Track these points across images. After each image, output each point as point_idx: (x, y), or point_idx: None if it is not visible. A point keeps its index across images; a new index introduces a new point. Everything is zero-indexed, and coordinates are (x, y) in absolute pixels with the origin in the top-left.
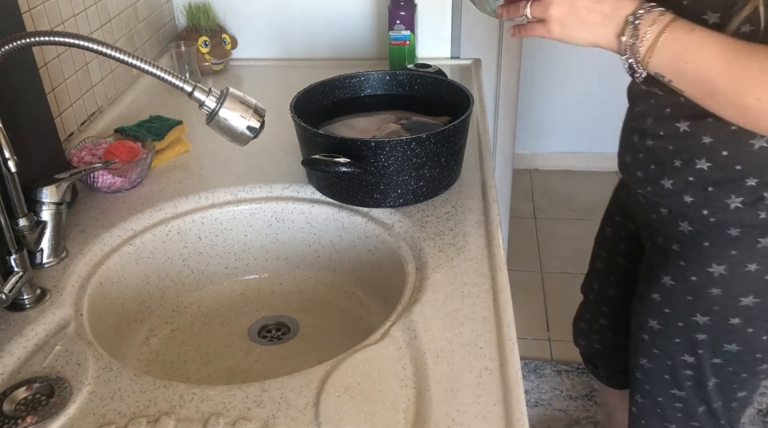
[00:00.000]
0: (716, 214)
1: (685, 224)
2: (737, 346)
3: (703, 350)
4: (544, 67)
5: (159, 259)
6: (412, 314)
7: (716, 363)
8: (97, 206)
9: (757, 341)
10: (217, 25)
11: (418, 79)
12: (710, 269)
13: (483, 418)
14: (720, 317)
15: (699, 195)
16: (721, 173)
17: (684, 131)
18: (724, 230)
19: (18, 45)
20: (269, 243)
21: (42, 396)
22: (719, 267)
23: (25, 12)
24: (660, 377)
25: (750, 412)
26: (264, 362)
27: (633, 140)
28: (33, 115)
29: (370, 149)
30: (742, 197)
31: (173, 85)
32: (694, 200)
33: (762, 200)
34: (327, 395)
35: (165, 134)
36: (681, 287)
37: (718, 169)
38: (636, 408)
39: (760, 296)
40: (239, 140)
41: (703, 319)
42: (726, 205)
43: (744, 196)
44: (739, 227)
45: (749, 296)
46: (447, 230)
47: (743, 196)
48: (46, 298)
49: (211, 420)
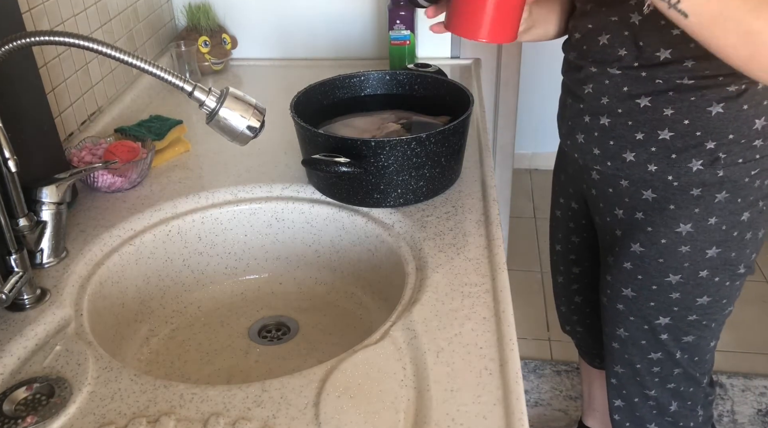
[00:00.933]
0: (680, 178)
1: (649, 192)
2: (708, 297)
3: (678, 307)
4: (544, 67)
5: (159, 259)
6: (412, 314)
7: (691, 320)
8: (97, 206)
9: (722, 288)
10: (217, 25)
11: (418, 79)
12: (678, 229)
13: (483, 418)
14: (690, 272)
15: (662, 163)
16: (682, 140)
17: (645, 106)
18: (687, 192)
19: (18, 45)
20: (269, 243)
21: (42, 396)
22: (686, 226)
23: (25, 12)
24: (637, 343)
25: (750, 412)
26: (264, 362)
27: (584, 121)
28: (33, 115)
29: (370, 148)
30: (702, 159)
31: (173, 85)
32: (658, 168)
33: (719, 160)
34: (327, 395)
35: (165, 134)
36: (652, 252)
37: (679, 137)
38: (616, 379)
39: (721, 246)
40: (239, 139)
41: (675, 278)
42: (689, 169)
43: (704, 158)
44: (700, 187)
45: (713, 248)
46: (447, 230)
47: (703, 158)
48: (46, 298)
49: (211, 420)
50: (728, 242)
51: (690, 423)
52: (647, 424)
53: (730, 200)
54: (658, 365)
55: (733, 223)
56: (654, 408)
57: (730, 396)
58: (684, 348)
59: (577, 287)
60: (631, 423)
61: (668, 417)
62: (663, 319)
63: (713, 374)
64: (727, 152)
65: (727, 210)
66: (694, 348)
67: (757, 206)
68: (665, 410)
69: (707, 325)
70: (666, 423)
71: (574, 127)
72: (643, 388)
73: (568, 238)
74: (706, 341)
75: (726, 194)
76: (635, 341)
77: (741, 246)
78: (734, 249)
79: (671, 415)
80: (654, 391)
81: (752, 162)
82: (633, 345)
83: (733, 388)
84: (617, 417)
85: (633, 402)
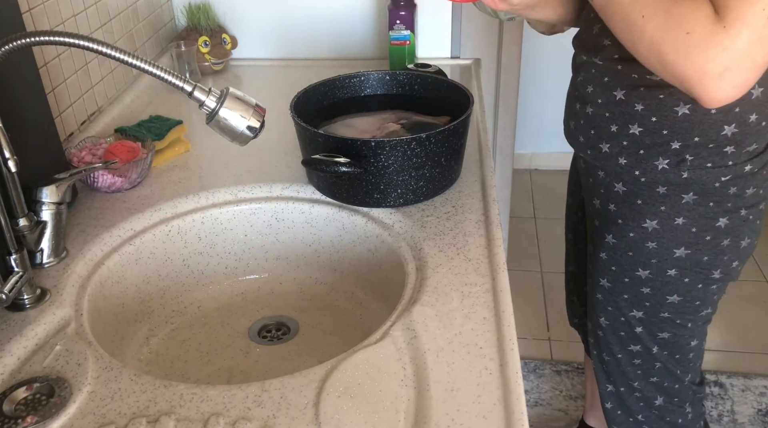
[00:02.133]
0: (646, 174)
1: (620, 185)
2: (678, 296)
3: (649, 302)
4: (544, 67)
5: (159, 259)
6: (412, 314)
7: (664, 317)
8: (97, 206)
9: (694, 289)
10: (217, 25)
11: (418, 79)
12: (644, 224)
13: (483, 418)
14: (659, 269)
15: (631, 157)
16: (650, 137)
17: (620, 98)
18: (654, 189)
19: (18, 45)
20: (269, 243)
21: (42, 396)
22: (652, 222)
23: (25, 12)
24: (617, 334)
25: (750, 412)
26: (264, 362)
27: (575, 108)
28: (33, 115)
29: (370, 148)
30: (668, 159)
31: (173, 85)
32: (627, 162)
33: (684, 162)
34: (327, 395)
35: (165, 134)
36: (622, 244)
37: (648, 134)
38: (604, 366)
39: (690, 247)
40: (239, 139)
41: (644, 273)
42: (654, 166)
43: (669, 158)
44: (666, 186)
45: (681, 248)
46: (447, 230)
47: (669, 158)
48: (46, 298)
49: (211, 420)
50: (699, 245)
51: (678, 419)
52: (636, 415)
53: (700, 202)
54: (638, 357)
55: (705, 227)
56: (640, 400)
57: (730, 396)
58: (661, 344)
59: (584, 277)
60: (622, 412)
61: (654, 410)
62: (636, 312)
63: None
64: (694, 154)
65: (696, 213)
66: (671, 345)
67: (737, 213)
68: (650, 403)
69: (682, 324)
70: (654, 416)
71: (569, 113)
72: (627, 379)
73: (576, 227)
74: (684, 338)
75: (694, 196)
76: (615, 331)
77: (716, 252)
78: (707, 253)
79: (657, 409)
80: (637, 383)
81: (723, 168)
82: (613, 334)
83: (733, 388)
84: (608, 405)
85: (620, 391)
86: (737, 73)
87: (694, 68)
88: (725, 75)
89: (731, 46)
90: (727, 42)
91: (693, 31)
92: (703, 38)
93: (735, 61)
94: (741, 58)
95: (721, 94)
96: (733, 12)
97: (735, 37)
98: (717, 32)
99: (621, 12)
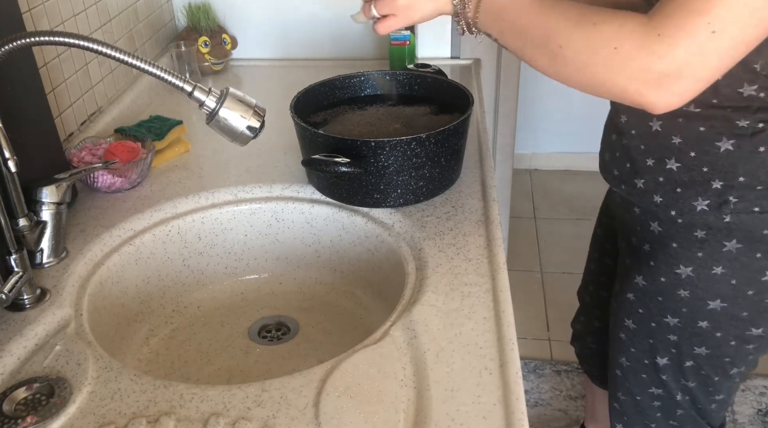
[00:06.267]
0: (683, 215)
1: (656, 224)
2: (706, 349)
3: (676, 351)
4: None
5: (159, 259)
6: (412, 314)
7: (689, 366)
8: (97, 206)
9: (725, 345)
10: (217, 25)
11: (418, 79)
12: (678, 270)
13: (483, 418)
14: (689, 319)
15: (668, 196)
16: (688, 174)
17: (656, 130)
18: (691, 232)
19: (18, 45)
20: (269, 243)
21: (42, 396)
22: (686, 269)
23: (25, 12)
24: (638, 376)
25: (750, 412)
26: (264, 362)
27: (611, 139)
28: (33, 115)
29: (370, 148)
30: (708, 199)
31: (173, 85)
32: (663, 200)
33: (727, 204)
34: (327, 395)
35: (165, 134)
36: (652, 288)
37: (686, 170)
38: (619, 405)
39: (727, 300)
40: (239, 140)
41: (673, 321)
42: (693, 207)
43: (710, 199)
44: (705, 229)
45: (716, 300)
46: (447, 230)
47: (709, 199)
48: (46, 298)
49: (211, 420)
50: (738, 299)
51: None
52: None
53: (744, 252)
54: (659, 400)
55: (748, 280)
56: None
57: None
58: (685, 391)
59: (599, 312)
60: None
61: None
62: (661, 359)
63: None
64: (738, 196)
65: (738, 263)
66: (696, 394)
67: None
68: None
69: (708, 376)
70: None
71: (604, 144)
72: (645, 418)
73: (602, 259)
74: (709, 392)
75: (738, 244)
76: (636, 373)
77: (759, 309)
78: (747, 309)
79: None
80: (655, 424)
81: None
82: (634, 376)
83: None
84: None
85: None
86: (677, 81)
87: (630, 79)
88: (664, 82)
89: (668, 54)
90: (663, 50)
91: (621, 46)
92: (633, 50)
93: (674, 69)
94: (680, 67)
95: (662, 101)
96: (674, 22)
97: (672, 45)
98: (650, 42)
99: (541, 53)
